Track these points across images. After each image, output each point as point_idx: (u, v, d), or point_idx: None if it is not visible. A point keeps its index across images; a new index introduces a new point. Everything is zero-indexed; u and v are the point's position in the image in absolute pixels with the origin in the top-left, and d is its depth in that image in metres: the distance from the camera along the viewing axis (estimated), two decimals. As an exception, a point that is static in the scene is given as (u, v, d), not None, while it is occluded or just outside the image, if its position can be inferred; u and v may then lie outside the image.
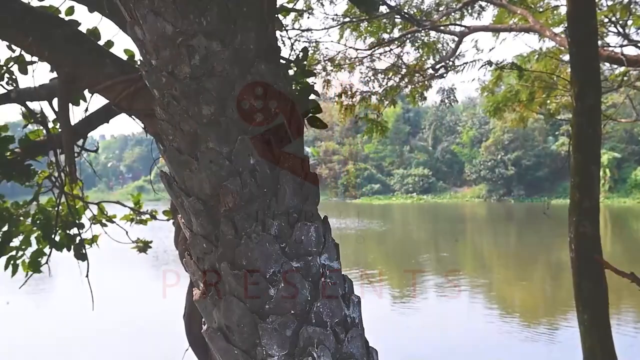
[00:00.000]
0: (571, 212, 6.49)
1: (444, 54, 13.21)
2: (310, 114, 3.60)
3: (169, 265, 25.36)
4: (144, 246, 5.95)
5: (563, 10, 12.94)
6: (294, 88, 3.72)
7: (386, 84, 13.23)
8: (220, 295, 2.08)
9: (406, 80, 13.28)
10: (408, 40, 12.89)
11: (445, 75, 12.94)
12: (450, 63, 12.93)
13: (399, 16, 11.58)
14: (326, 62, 12.51)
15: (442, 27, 12.66)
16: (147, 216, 6.03)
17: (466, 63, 10.47)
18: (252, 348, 2.03)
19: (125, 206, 5.96)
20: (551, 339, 14.62)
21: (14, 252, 4.73)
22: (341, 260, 2.28)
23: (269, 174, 2.13)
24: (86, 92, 4.48)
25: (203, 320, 2.26)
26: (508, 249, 34.28)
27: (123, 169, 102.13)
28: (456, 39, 12.90)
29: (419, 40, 12.88)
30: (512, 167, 70.01)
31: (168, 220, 5.88)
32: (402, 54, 13.21)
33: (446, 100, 13.46)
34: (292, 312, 2.03)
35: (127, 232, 5.70)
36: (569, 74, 8.70)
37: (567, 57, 12.52)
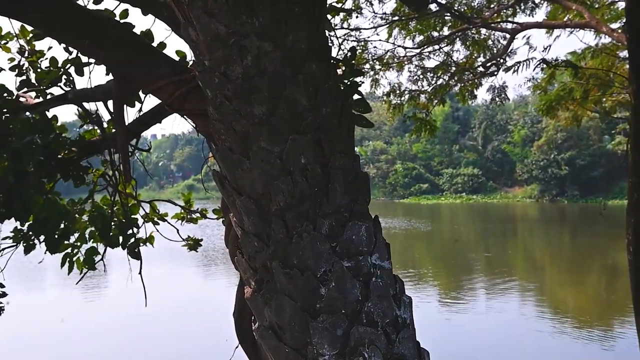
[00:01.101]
0: (629, 213, 6.27)
1: (495, 52, 12.97)
2: (358, 113, 3.58)
3: (217, 263, 25.79)
4: (194, 244, 6.02)
5: (621, 5, 12.53)
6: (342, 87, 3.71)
7: (435, 82, 13.08)
8: (272, 294, 2.10)
9: (456, 78, 13.09)
10: (458, 38, 12.72)
11: (496, 73, 12.69)
12: (502, 61, 12.68)
13: (449, 14, 11.43)
14: (374, 61, 12.45)
15: (493, 25, 12.42)
16: (198, 215, 6.10)
17: (519, 62, 10.22)
18: (303, 347, 2.03)
19: (176, 204, 6.05)
20: (607, 345, 14.16)
21: (69, 250, 4.83)
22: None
23: (319, 173, 2.13)
24: (140, 93, 4.57)
25: (253, 318, 2.28)
26: (561, 250, 33.38)
27: (173, 168, 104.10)
28: (508, 36, 12.65)
29: (469, 38, 12.69)
30: (565, 166, 68.14)
31: (218, 218, 5.95)
32: (451, 52, 13.04)
33: (497, 99, 13.19)
34: (343, 311, 2.03)
35: (178, 231, 5.78)
36: (626, 70, 8.41)
37: (624, 54, 12.13)
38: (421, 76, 13.06)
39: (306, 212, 2.11)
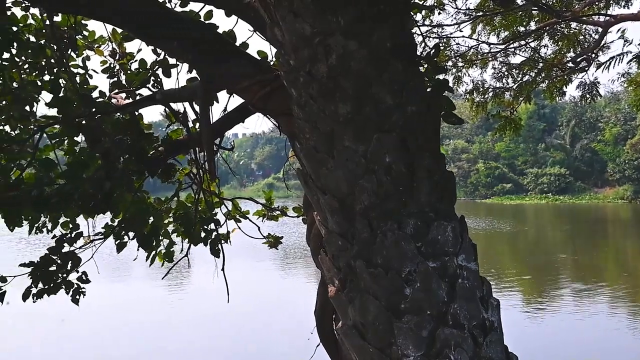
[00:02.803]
0: None
1: (586, 47, 12.38)
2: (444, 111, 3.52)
3: (296, 261, 26.08)
4: (274, 241, 6.09)
5: None
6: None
7: (521, 79, 12.65)
8: (356, 293, 2.09)
9: (543, 75, 12.60)
10: (546, 33, 12.23)
11: (587, 69, 12.11)
12: (593, 56, 12.09)
13: (536, 8, 11.02)
14: (457, 58, 12.20)
15: (584, 18, 11.86)
16: (278, 212, 6.16)
17: (613, 57, 9.69)
18: (387, 347, 2.01)
19: (257, 202, 6.14)
20: None
21: (154, 244, 4.99)
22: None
23: (404, 172, 2.11)
24: (224, 93, 4.66)
25: (334, 316, 2.28)
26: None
27: (254, 166, 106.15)
28: (600, 29, 12.04)
29: (558, 33, 12.17)
30: (662, 166, 64.36)
31: (298, 216, 6.00)
32: (539, 47, 12.55)
33: (588, 96, 12.58)
34: (428, 312, 2.00)
35: (259, 228, 5.87)
36: None
37: None
38: (506, 73, 12.67)
39: (391, 211, 2.09)
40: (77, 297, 4.70)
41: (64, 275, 4.61)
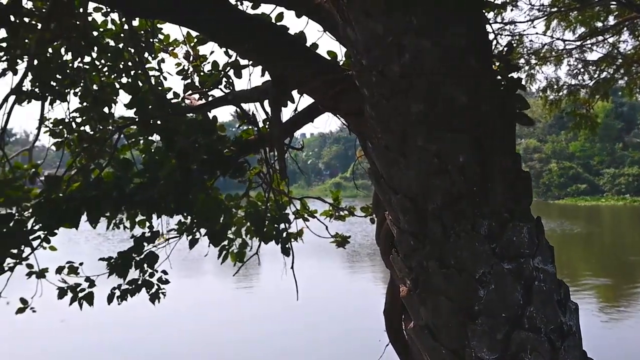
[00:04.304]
0: None
1: (670, 41, 11.76)
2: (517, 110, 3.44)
3: (362, 260, 26.03)
4: (342, 241, 6.10)
5: None
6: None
7: (598, 76, 12.14)
8: (428, 293, 2.08)
9: (622, 71, 12.06)
10: (625, 28, 11.70)
11: (671, 64, 11.50)
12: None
13: (615, 2, 10.57)
14: (530, 55, 11.84)
15: (668, 11, 11.27)
16: (346, 212, 6.17)
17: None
18: (461, 348, 1.99)
19: (325, 202, 6.17)
20: None
21: (225, 243, 5.09)
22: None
23: (478, 172, 2.07)
24: (294, 93, 4.71)
25: (403, 316, 2.27)
26: None
27: (321, 166, 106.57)
28: (684, 22, 11.42)
29: (638, 27, 11.62)
30: None
31: (366, 216, 5.99)
32: (618, 43, 12.02)
33: (671, 93, 11.96)
34: (503, 315, 1.96)
35: (327, 227, 5.89)
36: None
37: None
38: (582, 70, 12.19)
39: (464, 211, 2.06)
40: (157, 297, 4.88)
41: (144, 275, 4.79)
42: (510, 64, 4.01)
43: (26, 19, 4.79)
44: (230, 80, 5.22)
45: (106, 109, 5.41)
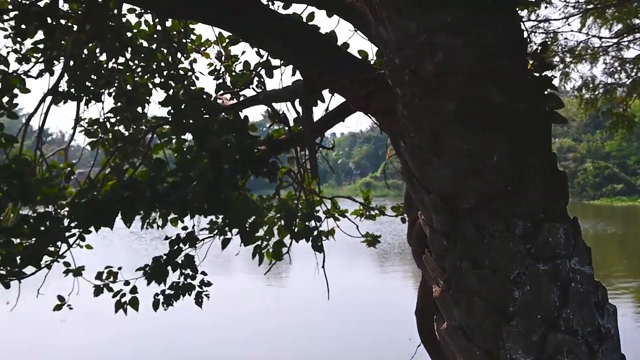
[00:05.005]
0: None
1: None
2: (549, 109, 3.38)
3: (392, 260, 25.93)
4: (373, 240, 6.08)
5: None
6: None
7: (635, 74, 11.88)
8: (461, 294, 2.06)
9: (660, 69, 11.79)
10: (664, 25, 11.44)
11: None
12: None
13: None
14: (565, 53, 11.63)
15: None
16: (376, 211, 6.15)
17: None
18: (495, 350, 1.97)
19: (356, 201, 6.16)
20: None
21: (259, 242, 5.12)
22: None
23: (513, 172, 2.05)
24: (325, 92, 4.71)
25: (435, 317, 2.26)
26: None
27: (351, 165, 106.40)
28: None
29: (678, 24, 11.35)
30: None
31: (396, 215, 5.96)
32: (656, 40, 11.75)
33: None
34: (539, 316, 1.93)
35: (357, 227, 5.88)
36: None
37: None
38: (619, 68, 11.94)
39: (498, 211, 2.04)
40: (200, 300, 4.94)
41: (185, 279, 4.86)
42: (544, 62, 3.95)
43: (62, 21, 4.88)
44: (262, 80, 5.25)
45: (139, 109, 5.49)
